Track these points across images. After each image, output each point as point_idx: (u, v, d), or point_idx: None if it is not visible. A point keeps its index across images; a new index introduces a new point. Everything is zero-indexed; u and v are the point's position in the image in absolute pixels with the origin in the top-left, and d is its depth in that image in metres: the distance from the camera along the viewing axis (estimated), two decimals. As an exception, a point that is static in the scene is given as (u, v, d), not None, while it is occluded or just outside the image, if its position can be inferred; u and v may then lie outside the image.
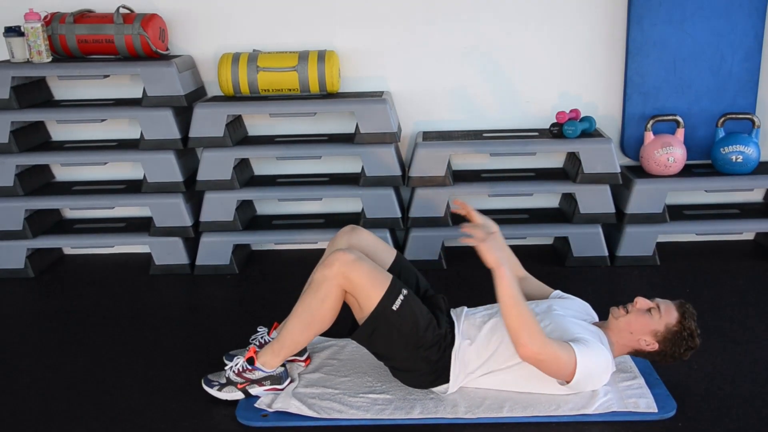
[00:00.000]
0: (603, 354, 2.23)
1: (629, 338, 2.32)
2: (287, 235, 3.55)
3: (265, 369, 2.38)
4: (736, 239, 3.74)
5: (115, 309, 3.17)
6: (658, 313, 2.28)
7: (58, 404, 2.45)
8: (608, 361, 2.25)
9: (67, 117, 3.44)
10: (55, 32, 3.33)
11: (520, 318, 2.13)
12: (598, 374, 2.25)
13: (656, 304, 2.31)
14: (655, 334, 2.28)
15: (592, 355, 2.20)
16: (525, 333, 2.12)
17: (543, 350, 2.12)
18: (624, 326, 2.32)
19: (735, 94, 3.50)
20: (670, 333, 2.27)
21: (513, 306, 2.13)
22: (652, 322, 2.28)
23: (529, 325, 2.13)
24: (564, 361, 2.16)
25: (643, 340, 2.30)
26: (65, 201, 3.56)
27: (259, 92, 3.40)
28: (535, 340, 2.12)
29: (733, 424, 2.23)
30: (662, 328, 2.27)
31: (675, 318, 2.28)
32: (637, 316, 2.31)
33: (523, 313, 2.13)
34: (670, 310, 2.30)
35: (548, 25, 3.52)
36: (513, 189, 3.48)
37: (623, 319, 2.32)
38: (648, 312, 2.30)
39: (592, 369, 2.21)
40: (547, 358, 2.14)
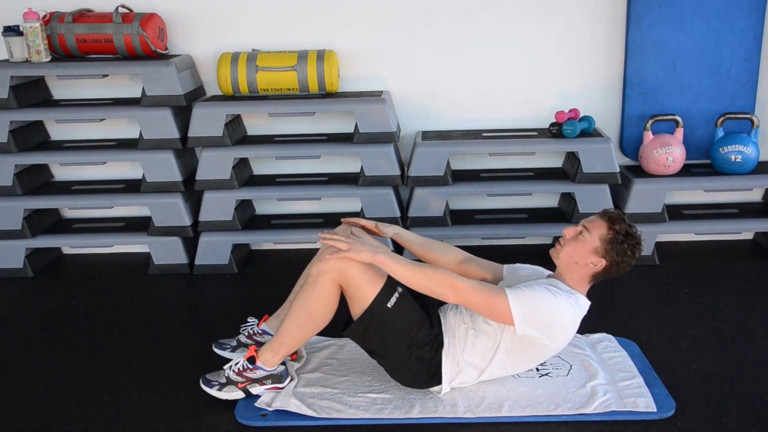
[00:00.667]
0: (546, 295, 2.20)
1: (578, 269, 2.29)
2: (286, 234, 3.55)
3: (266, 368, 2.38)
4: (735, 239, 3.74)
5: (114, 309, 3.17)
6: (587, 233, 2.26)
7: (57, 404, 2.45)
8: (560, 300, 2.21)
9: (66, 116, 3.44)
10: (54, 32, 3.33)
11: (425, 278, 2.19)
12: (552, 314, 2.21)
13: (582, 225, 2.29)
14: (596, 251, 2.25)
15: (529, 295, 2.19)
16: (437, 285, 2.19)
17: (459, 290, 2.17)
18: (567, 260, 2.29)
19: (734, 94, 3.50)
20: (607, 243, 2.24)
21: (411, 276, 2.19)
22: (586, 242, 2.26)
23: (436, 278, 2.19)
24: (495, 301, 2.17)
25: (589, 263, 2.26)
26: (64, 200, 3.55)
27: (258, 92, 3.40)
28: (449, 287, 2.17)
29: (732, 424, 2.23)
30: (598, 242, 2.25)
31: (605, 227, 2.25)
32: (572, 245, 2.28)
33: (423, 273, 2.20)
34: (596, 223, 2.28)
35: (547, 24, 3.52)
36: (512, 189, 3.48)
37: (562, 254, 2.30)
38: (579, 236, 2.28)
39: (539, 309, 2.18)
40: (471, 299, 2.18)
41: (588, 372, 2.50)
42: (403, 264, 2.21)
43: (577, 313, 2.27)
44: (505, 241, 3.70)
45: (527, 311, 2.18)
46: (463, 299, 2.20)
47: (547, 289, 2.23)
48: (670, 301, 3.09)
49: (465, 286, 2.19)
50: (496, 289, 2.21)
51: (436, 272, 2.21)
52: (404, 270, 2.20)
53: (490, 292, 2.20)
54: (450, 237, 3.49)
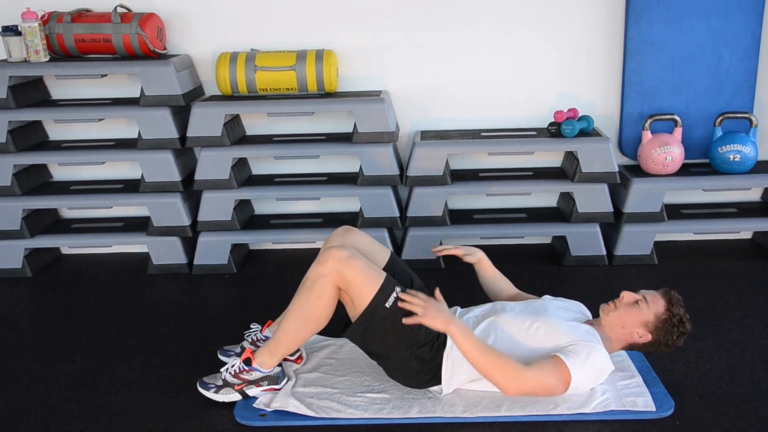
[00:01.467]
0: (596, 353, 2.24)
1: (622, 332, 2.33)
2: (285, 234, 3.55)
3: (263, 369, 2.37)
4: (733, 238, 3.74)
5: (112, 308, 3.17)
6: (645, 304, 2.30)
7: (56, 403, 2.45)
8: (603, 359, 2.25)
9: (65, 116, 3.44)
10: (53, 31, 3.33)
11: (490, 365, 2.17)
12: (594, 374, 2.25)
13: (642, 295, 2.33)
14: (647, 324, 2.29)
15: (583, 360, 2.21)
16: (500, 376, 2.16)
17: (524, 384, 2.17)
18: (615, 321, 2.33)
19: (732, 94, 3.50)
20: (660, 321, 2.28)
21: (479, 356, 2.17)
22: (641, 313, 2.29)
23: (501, 367, 2.16)
24: (552, 383, 2.19)
25: (635, 332, 2.31)
26: (63, 200, 3.55)
27: (257, 92, 3.40)
28: (512, 380, 2.16)
29: (731, 424, 2.23)
30: (652, 317, 2.29)
31: (663, 306, 2.30)
32: (626, 309, 2.32)
33: (490, 358, 2.17)
34: (656, 299, 2.32)
35: (546, 24, 3.52)
36: (511, 188, 3.48)
37: (613, 314, 2.33)
38: (636, 304, 2.31)
39: (587, 374, 2.22)
40: (533, 388, 2.18)
41: (587, 371, 2.50)
42: (473, 342, 2.18)
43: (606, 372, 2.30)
44: (504, 241, 3.70)
45: (580, 381, 2.21)
46: (521, 391, 2.19)
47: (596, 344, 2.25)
48: (669, 300, 3.09)
49: (530, 380, 2.16)
50: (558, 370, 2.19)
51: (504, 362, 2.16)
52: (473, 349, 2.17)
53: (554, 377, 2.18)
54: (449, 236, 3.49)
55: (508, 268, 3.41)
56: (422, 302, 2.22)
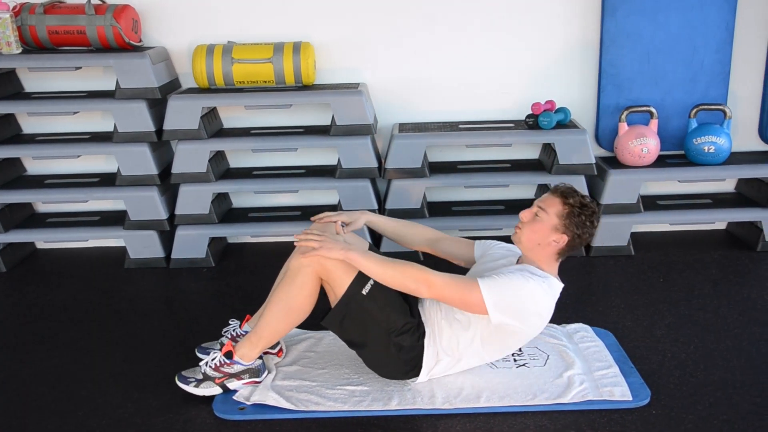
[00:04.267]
0: (519, 281, 2.21)
1: (542, 249, 2.30)
2: (263, 227, 3.54)
3: (244, 362, 2.37)
4: (708, 228, 3.79)
5: (89, 303, 3.14)
6: (543, 212, 2.28)
7: (33, 399, 2.42)
8: (533, 286, 2.21)
9: (39, 109, 3.39)
10: (25, 23, 3.28)
11: (399, 274, 2.20)
12: (526, 301, 2.22)
13: (537, 206, 2.31)
14: (555, 228, 2.27)
15: (501, 283, 2.19)
16: (410, 281, 2.20)
17: (433, 285, 2.19)
18: (529, 243, 2.30)
19: (707, 86, 3.54)
20: (565, 218, 2.26)
21: (383, 272, 2.20)
22: (544, 222, 2.27)
23: (409, 273, 2.20)
24: (468, 294, 2.18)
25: (551, 241, 2.28)
26: (37, 195, 3.51)
27: (234, 84, 3.38)
28: (422, 282, 2.19)
29: (706, 411, 2.27)
30: (555, 219, 2.26)
31: (559, 203, 2.27)
32: (530, 227, 2.29)
33: (396, 269, 2.20)
34: (550, 201, 2.29)
35: (523, 16, 3.53)
36: (489, 180, 3.50)
37: (523, 237, 2.30)
38: (536, 217, 2.29)
39: (512, 297, 2.20)
40: (445, 293, 2.20)
41: (565, 362, 2.52)
42: (375, 261, 2.21)
43: (551, 297, 2.29)
44: (483, 233, 3.71)
45: (501, 300, 2.19)
46: (436, 294, 2.21)
47: (520, 275, 2.23)
48: (646, 290, 3.13)
49: (438, 280, 2.20)
50: (468, 281, 2.22)
51: (409, 268, 2.21)
52: (376, 267, 2.21)
53: (463, 285, 2.20)
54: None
55: (486, 260, 3.43)
56: (317, 236, 2.25)
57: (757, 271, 3.32)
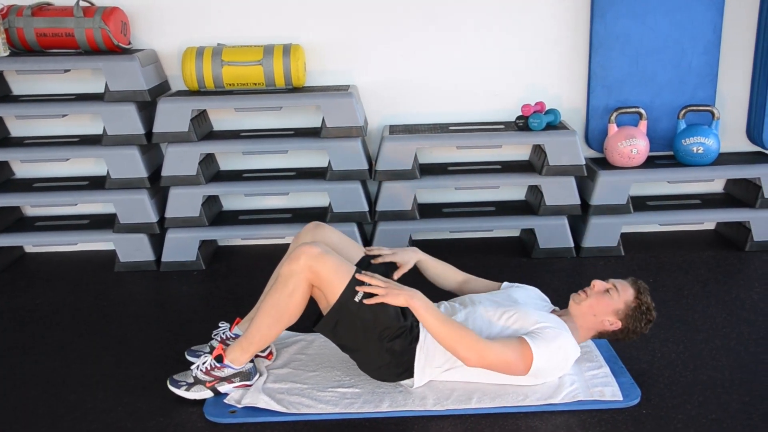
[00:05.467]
0: (562, 340, 2.28)
1: (593, 321, 2.37)
2: (254, 230, 3.53)
3: (234, 366, 2.36)
4: (697, 229, 3.81)
5: (79, 307, 3.13)
6: (616, 293, 2.35)
7: (23, 404, 2.41)
8: (570, 346, 2.30)
9: (27, 112, 3.38)
10: (13, 25, 3.27)
11: (453, 336, 2.20)
12: (559, 360, 2.29)
13: (612, 284, 2.38)
14: (617, 312, 2.35)
15: (547, 344, 2.24)
16: (461, 348, 2.20)
17: (485, 357, 2.21)
18: (587, 310, 2.37)
19: (695, 87, 3.56)
20: (630, 309, 2.35)
21: (442, 328, 2.21)
22: (612, 302, 2.35)
23: (464, 339, 2.20)
24: (512, 359, 2.22)
25: (606, 320, 2.36)
26: (26, 198, 3.49)
27: (224, 86, 3.37)
28: (473, 351, 2.20)
29: (695, 410, 2.28)
30: (622, 305, 2.34)
31: (632, 294, 2.36)
32: (597, 298, 2.36)
33: (452, 329, 2.21)
34: (625, 287, 2.37)
35: (513, 18, 3.54)
36: (479, 182, 3.50)
37: (585, 303, 2.37)
38: (607, 293, 2.36)
39: (550, 358, 2.26)
40: (493, 363, 2.22)
41: (555, 362, 2.52)
42: (435, 315, 2.22)
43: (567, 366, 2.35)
44: (473, 234, 3.73)
45: (544, 366, 2.26)
46: (484, 364, 2.23)
47: (563, 331, 2.29)
48: (635, 291, 3.14)
49: (490, 351, 2.20)
50: (520, 348, 2.23)
51: (465, 334, 2.21)
52: (435, 322, 2.21)
53: (515, 354, 2.22)
54: (418, 230, 3.51)
55: (477, 261, 3.45)
56: (382, 281, 2.26)
57: (745, 271, 3.34)
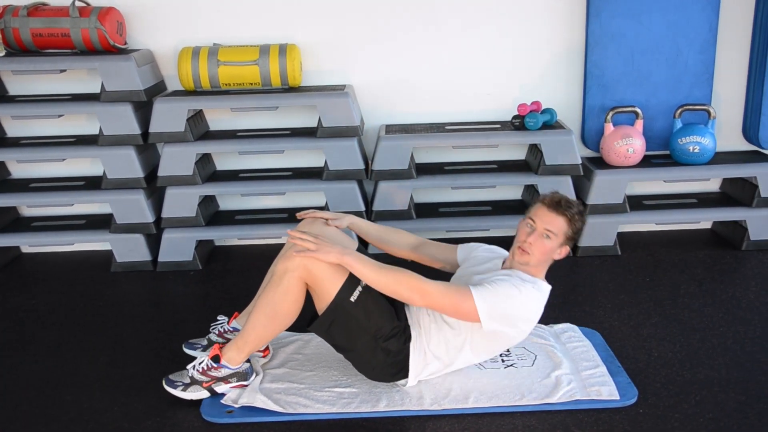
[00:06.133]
0: (511, 290, 2.23)
1: (546, 263, 2.35)
2: (250, 230, 3.53)
3: (231, 366, 2.36)
4: (693, 228, 3.81)
5: (75, 307, 3.12)
6: (552, 234, 2.28)
7: (17, 405, 2.40)
8: (525, 293, 2.24)
9: (23, 112, 3.37)
10: (8, 25, 3.26)
11: (393, 281, 2.20)
12: (519, 308, 2.25)
13: (543, 229, 2.28)
14: (561, 244, 2.31)
15: (491, 287, 2.21)
16: (404, 289, 2.20)
17: (427, 294, 2.19)
18: (536, 263, 2.32)
19: (691, 86, 3.56)
20: (570, 232, 2.30)
21: (377, 278, 2.20)
22: (553, 242, 2.29)
23: (403, 281, 2.19)
24: (461, 302, 2.19)
25: (556, 255, 2.33)
26: (22, 198, 3.49)
27: (220, 86, 3.37)
28: (416, 291, 2.19)
29: (692, 409, 2.28)
30: (562, 237, 2.30)
31: (564, 222, 2.28)
32: (539, 249, 2.29)
33: (390, 276, 2.20)
34: (555, 222, 2.28)
35: (509, 17, 3.54)
36: (476, 181, 3.50)
37: (533, 260, 2.31)
38: (545, 239, 2.30)
39: (505, 305, 2.21)
40: (438, 302, 2.20)
41: (552, 362, 2.53)
42: (370, 266, 2.21)
43: (541, 301, 2.31)
44: (470, 234, 3.72)
45: (493, 309, 2.21)
46: (429, 303, 2.21)
47: (511, 283, 2.25)
48: (632, 290, 3.14)
49: (432, 289, 2.20)
50: (461, 290, 2.22)
51: (404, 276, 2.21)
52: (371, 272, 2.20)
53: (456, 294, 2.21)
54: (415, 230, 3.47)
55: (473, 261, 3.44)
56: (314, 238, 2.24)
57: (741, 270, 3.34)
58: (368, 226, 2.65)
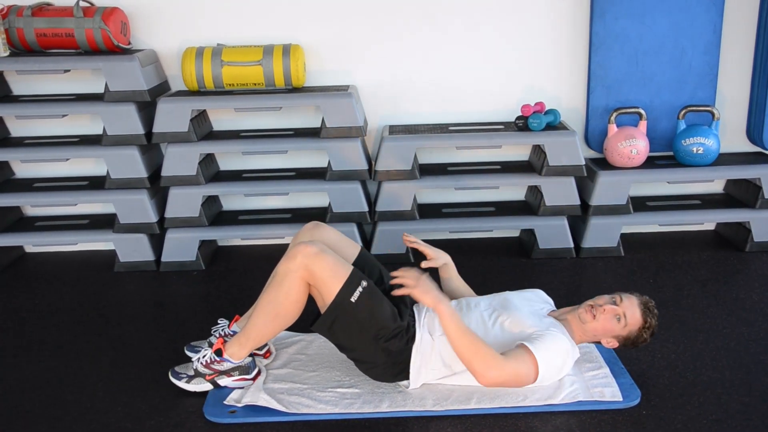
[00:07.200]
0: (561, 343, 2.27)
1: (593, 338, 2.39)
2: (253, 230, 3.53)
3: (233, 360, 2.38)
4: (697, 229, 3.81)
5: (79, 307, 3.13)
6: (624, 320, 2.33)
7: (20, 404, 2.41)
8: (568, 348, 2.29)
9: (27, 112, 3.38)
10: (13, 26, 3.27)
11: (470, 349, 2.17)
12: (560, 362, 2.29)
13: (623, 311, 2.33)
14: (618, 337, 2.36)
15: (550, 349, 2.24)
16: (478, 363, 2.17)
17: (501, 374, 2.18)
18: (590, 330, 2.36)
19: (695, 87, 3.55)
20: (633, 334, 2.35)
21: (460, 339, 2.18)
22: (617, 328, 2.34)
23: (481, 354, 2.17)
24: (524, 372, 2.21)
25: (605, 340, 2.37)
26: (26, 198, 3.49)
27: (223, 87, 3.37)
28: (490, 367, 2.16)
29: (695, 411, 2.28)
30: (625, 333, 2.34)
31: (638, 323, 2.33)
32: (603, 324, 2.34)
33: (472, 343, 2.18)
34: (634, 317, 2.33)
35: (513, 18, 3.54)
36: (479, 182, 3.50)
37: (590, 327, 2.35)
38: (615, 319, 2.33)
39: (552, 361, 2.25)
40: (508, 379, 2.20)
41: (555, 363, 2.52)
42: (456, 324, 2.18)
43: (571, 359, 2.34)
44: (473, 234, 3.73)
45: (547, 373, 2.25)
46: (497, 382, 2.20)
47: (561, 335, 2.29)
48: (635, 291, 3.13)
49: (507, 368, 2.17)
50: (527, 358, 2.21)
51: (483, 348, 2.17)
52: (455, 330, 2.18)
53: (525, 365, 2.20)
54: (418, 231, 3.50)
55: (476, 262, 3.45)
56: (415, 275, 2.25)
57: (745, 271, 3.33)
58: (456, 276, 2.68)
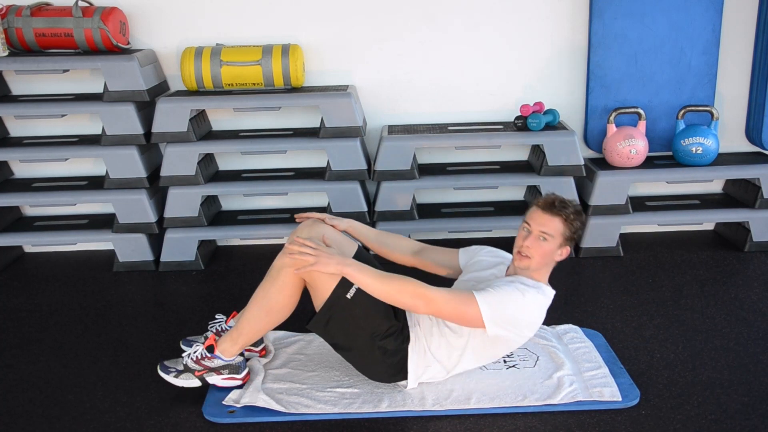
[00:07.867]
0: (516, 296, 2.22)
1: (548, 266, 2.35)
2: (253, 230, 3.53)
3: (224, 357, 2.37)
4: (696, 229, 3.81)
5: (77, 307, 3.13)
6: (549, 236, 2.27)
7: (19, 405, 2.41)
8: (529, 298, 2.24)
9: (26, 112, 3.38)
10: (12, 25, 3.26)
11: (396, 290, 2.19)
12: (523, 314, 2.24)
13: (538, 232, 2.27)
14: (560, 245, 2.30)
15: (499, 298, 2.20)
16: (407, 297, 2.18)
17: (432, 302, 2.17)
18: (536, 266, 2.31)
19: (694, 87, 3.56)
20: (568, 232, 2.29)
21: (380, 288, 2.19)
22: (551, 244, 2.28)
23: (406, 288, 2.18)
24: (466, 309, 2.18)
25: (557, 257, 2.32)
26: (25, 198, 3.49)
27: (222, 86, 3.37)
28: (419, 298, 2.17)
29: (694, 411, 2.28)
30: (560, 238, 2.29)
31: (560, 222, 2.27)
32: (539, 253, 2.28)
33: (393, 285, 2.19)
34: (551, 224, 2.28)
35: (512, 18, 3.54)
36: (478, 182, 3.50)
37: (533, 264, 2.30)
38: (543, 242, 2.29)
39: (509, 311, 2.21)
40: (442, 309, 2.19)
41: (554, 363, 2.53)
42: (372, 275, 2.20)
43: (544, 306, 2.31)
44: (472, 234, 3.72)
45: (498, 314, 2.21)
46: (433, 310, 2.20)
47: (515, 288, 2.25)
48: (634, 291, 3.14)
49: (436, 296, 2.18)
50: (465, 295, 2.21)
51: (406, 283, 2.20)
52: (373, 281, 2.19)
53: (460, 300, 2.20)
54: (417, 231, 3.50)
55: (476, 262, 3.44)
56: (313, 249, 2.22)
57: (744, 271, 3.34)
58: (367, 230, 2.63)
